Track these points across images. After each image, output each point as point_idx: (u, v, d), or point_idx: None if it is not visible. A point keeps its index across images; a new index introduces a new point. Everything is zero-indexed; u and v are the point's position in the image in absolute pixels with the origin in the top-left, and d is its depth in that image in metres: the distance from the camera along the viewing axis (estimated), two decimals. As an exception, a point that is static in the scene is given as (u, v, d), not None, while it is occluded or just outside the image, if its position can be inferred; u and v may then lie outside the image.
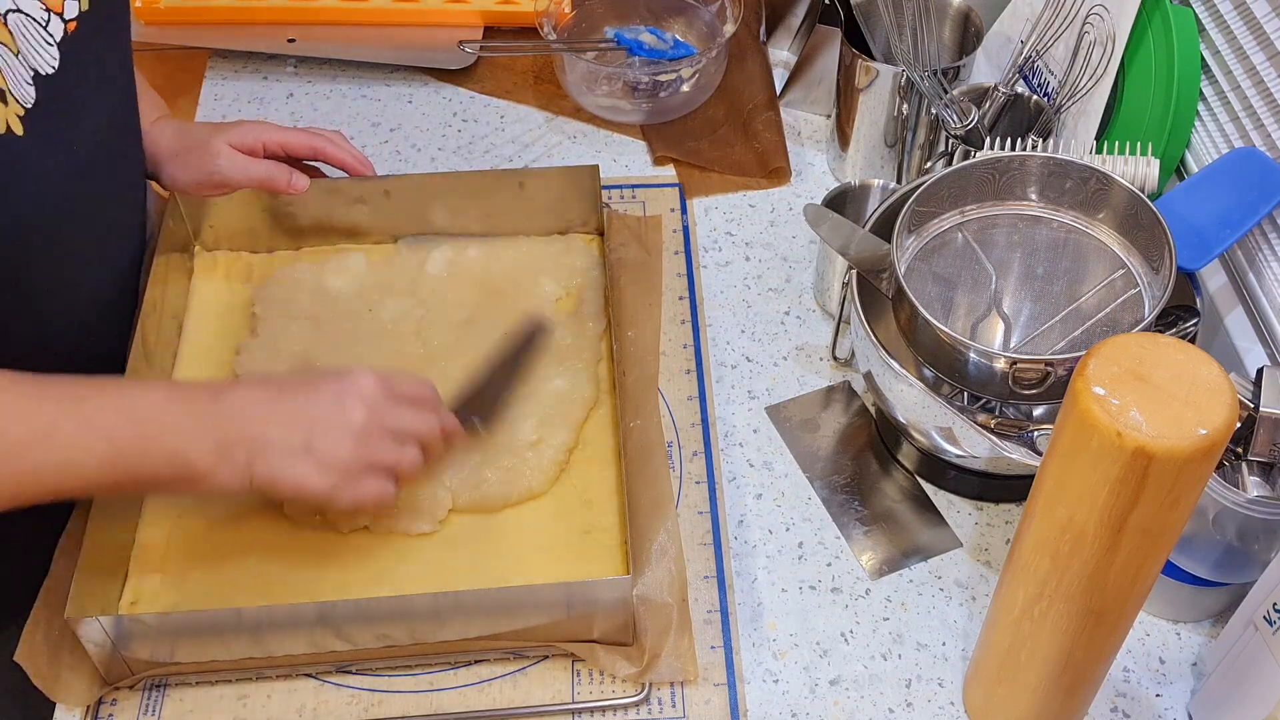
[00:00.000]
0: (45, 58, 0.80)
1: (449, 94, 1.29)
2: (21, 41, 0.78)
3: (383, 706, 0.85)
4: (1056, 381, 0.84)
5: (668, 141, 1.23)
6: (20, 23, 0.78)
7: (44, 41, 0.80)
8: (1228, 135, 1.00)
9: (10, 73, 0.76)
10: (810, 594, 0.91)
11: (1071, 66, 1.06)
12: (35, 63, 0.79)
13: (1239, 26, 0.96)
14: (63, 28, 0.81)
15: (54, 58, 0.80)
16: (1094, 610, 0.69)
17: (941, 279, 0.93)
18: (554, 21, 1.27)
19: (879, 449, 1.00)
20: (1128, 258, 0.92)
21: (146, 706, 0.84)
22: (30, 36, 0.78)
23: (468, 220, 1.07)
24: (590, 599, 0.82)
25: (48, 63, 0.80)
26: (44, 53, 0.80)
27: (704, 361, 1.04)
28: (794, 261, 1.13)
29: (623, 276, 1.07)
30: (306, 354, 0.99)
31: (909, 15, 1.07)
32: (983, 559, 0.93)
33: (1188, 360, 0.62)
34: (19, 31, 0.77)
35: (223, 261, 1.07)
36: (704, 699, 0.85)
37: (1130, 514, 0.62)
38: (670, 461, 0.97)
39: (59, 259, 0.86)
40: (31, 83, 0.78)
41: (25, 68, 0.78)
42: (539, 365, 0.97)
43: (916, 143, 1.14)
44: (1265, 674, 0.75)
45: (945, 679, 0.87)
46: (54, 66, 0.80)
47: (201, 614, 0.82)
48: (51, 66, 0.80)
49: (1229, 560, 0.83)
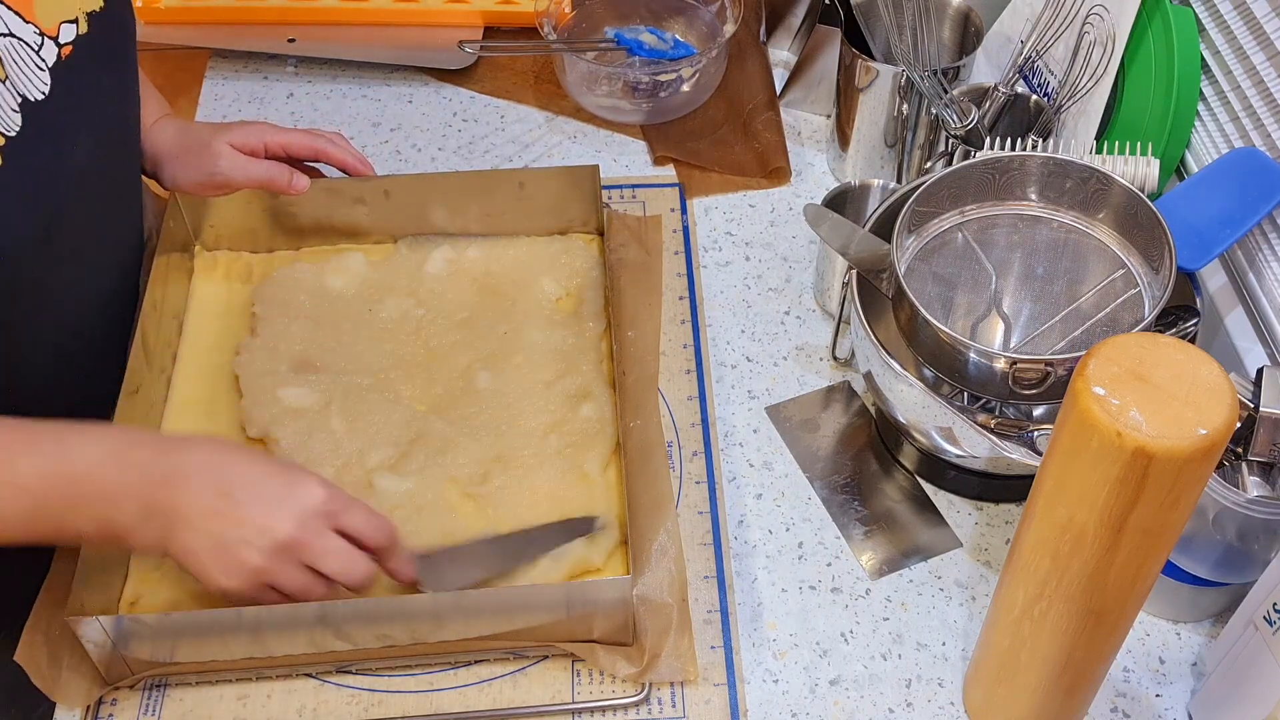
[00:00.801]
0: (35, 83, 0.78)
1: (449, 94, 1.29)
2: (10, 67, 0.77)
3: (383, 706, 0.85)
4: (1056, 381, 0.84)
5: (668, 141, 1.23)
6: (10, 47, 0.77)
7: (35, 67, 0.78)
8: (1228, 135, 0.99)
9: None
10: (810, 594, 0.91)
11: (1071, 66, 1.06)
12: (24, 89, 0.78)
13: (1239, 26, 0.96)
14: (56, 52, 0.80)
15: (44, 83, 0.79)
16: (1094, 610, 0.69)
17: (941, 279, 0.93)
18: (554, 21, 1.27)
19: (879, 449, 1.00)
20: (1128, 258, 0.92)
21: (146, 706, 0.84)
22: (20, 62, 0.77)
23: (468, 220, 1.07)
24: (590, 599, 0.82)
25: (37, 88, 0.79)
26: (34, 79, 0.78)
27: (704, 361, 1.04)
28: (794, 261, 1.13)
29: (623, 276, 1.07)
30: (306, 354, 1.00)
31: (909, 15, 1.07)
32: (983, 559, 0.93)
33: (1188, 360, 0.62)
34: (8, 57, 0.76)
35: (223, 261, 1.07)
36: (704, 699, 0.85)
37: (1130, 514, 0.62)
38: (670, 461, 0.97)
39: (44, 281, 0.85)
40: (18, 110, 0.77)
41: (13, 94, 0.77)
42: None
43: (916, 143, 1.14)
44: (1265, 674, 0.75)
45: (945, 679, 0.87)
46: (44, 92, 0.79)
47: (201, 614, 0.82)
48: (42, 92, 0.79)
49: (1229, 560, 0.83)
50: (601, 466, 0.93)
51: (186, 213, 1.04)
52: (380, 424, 0.95)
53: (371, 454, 0.94)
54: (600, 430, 0.95)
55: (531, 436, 0.95)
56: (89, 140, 0.85)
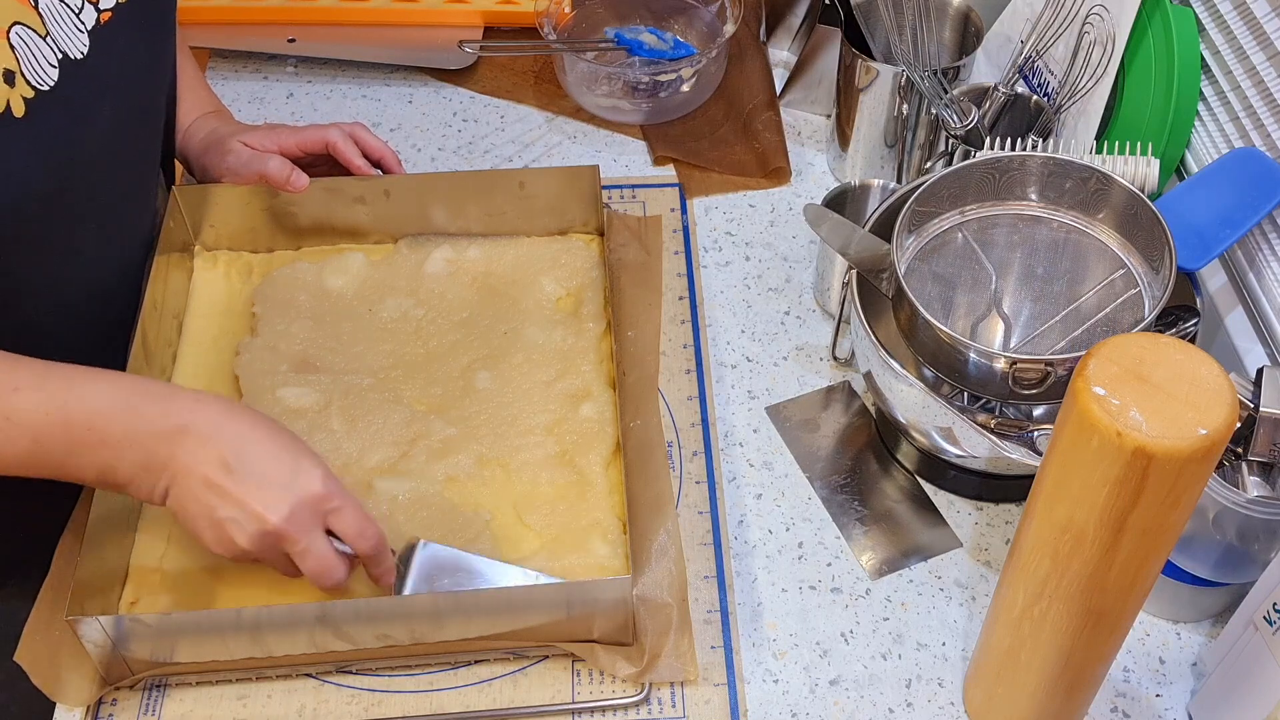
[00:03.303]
0: (76, 43, 0.80)
1: (449, 94, 1.29)
2: (51, 24, 0.78)
3: (383, 706, 0.85)
4: (1056, 381, 0.84)
5: (668, 141, 1.23)
6: (51, 6, 0.78)
7: (75, 28, 0.80)
8: (1228, 135, 0.99)
9: (28, 54, 0.76)
10: (810, 594, 0.91)
11: (1071, 66, 1.06)
12: (65, 46, 0.79)
13: (1239, 26, 0.96)
14: (95, 16, 0.81)
15: (84, 44, 0.80)
16: (1094, 610, 0.69)
17: (941, 279, 0.93)
18: (554, 21, 1.27)
19: (879, 449, 1.00)
20: (1128, 258, 0.92)
21: (146, 706, 0.84)
22: (62, 21, 0.79)
23: (468, 220, 1.07)
24: (590, 599, 0.82)
25: (77, 48, 0.80)
26: (75, 39, 0.79)
27: (704, 361, 1.04)
28: (794, 261, 1.13)
29: (623, 276, 1.07)
30: (306, 354, 1.00)
31: (909, 15, 1.07)
32: (983, 559, 0.93)
33: (1188, 360, 0.62)
34: (49, 14, 0.78)
35: (223, 261, 1.07)
36: (704, 699, 0.85)
37: (1130, 514, 0.62)
38: (670, 461, 0.97)
39: (53, 246, 0.85)
40: (57, 65, 0.78)
41: (54, 50, 0.78)
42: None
43: (916, 143, 1.14)
44: (1265, 674, 0.75)
45: (945, 679, 0.87)
46: (83, 53, 0.80)
47: (201, 614, 0.82)
48: (81, 52, 0.80)
49: (1229, 560, 0.83)
50: (602, 466, 0.93)
51: (186, 212, 1.04)
52: (380, 424, 0.95)
53: (371, 454, 0.93)
54: (600, 430, 0.95)
55: (531, 436, 0.95)
56: (115, 109, 0.85)
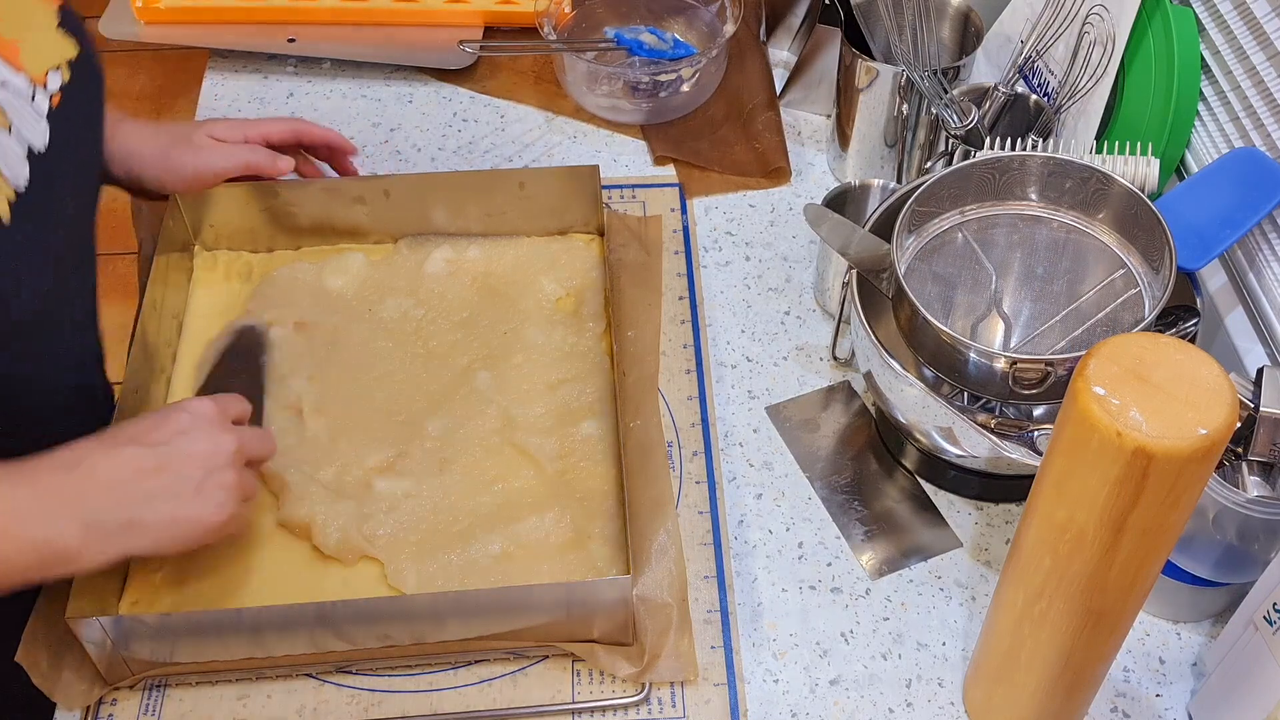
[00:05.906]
0: (38, 134, 0.77)
1: (449, 94, 1.29)
2: (13, 116, 0.75)
3: (383, 706, 0.85)
4: (1056, 381, 0.84)
5: (668, 141, 1.23)
6: (8, 98, 0.75)
7: (33, 116, 0.77)
8: (1228, 135, 1.00)
9: (2, 154, 0.74)
10: (810, 594, 0.91)
11: (1071, 66, 1.06)
12: (30, 138, 0.77)
13: (1239, 26, 0.96)
14: (48, 101, 0.79)
15: (45, 133, 0.78)
16: (1094, 610, 0.69)
17: (941, 279, 0.93)
18: (554, 21, 1.27)
19: (879, 449, 1.00)
20: (1128, 258, 0.92)
21: (146, 706, 0.84)
22: (20, 112, 0.76)
23: (468, 220, 1.07)
24: (590, 599, 0.82)
25: (40, 140, 0.77)
26: (36, 128, 0.77)
27: (704, 361, 1.04)
28: (794, 261, 1.13)
29: (623, 276, 1.07)
30: (306, 354, 0.99)
31: (909, 15, 1.07)
32: (983, 559, 0.93)
33: (1188, 360, 0.62)
34: (9, 105, 0.75)
35: (223, 261, 1.07)
36: (704, 699, 0.85)
37: (1130, 514, 0.62)
38: (670, 461, 0.97)
39: (56, 327, 0.84)
40: (26, 160, 0.76)
41: (20, 144, 0.75)
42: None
43: (916, 143, 1.14)
44: (1265, 674, 0.75)
45: (945, 679, 0.87)
46: (45, 144, 0.78)
47: (201, 614, 0.82)
48: (43, 145, 0.78)
49: (1229, 560, 0.83)
50: (602, 467, 0.93)
51: (186, 213, 1.04)
52: (380, 424, 0.95)
53: (371, 454, 0.94)
54: (600, 431, 0.95)
55: (531, 436, 0.95)
56: (76, 202, 0.84)
